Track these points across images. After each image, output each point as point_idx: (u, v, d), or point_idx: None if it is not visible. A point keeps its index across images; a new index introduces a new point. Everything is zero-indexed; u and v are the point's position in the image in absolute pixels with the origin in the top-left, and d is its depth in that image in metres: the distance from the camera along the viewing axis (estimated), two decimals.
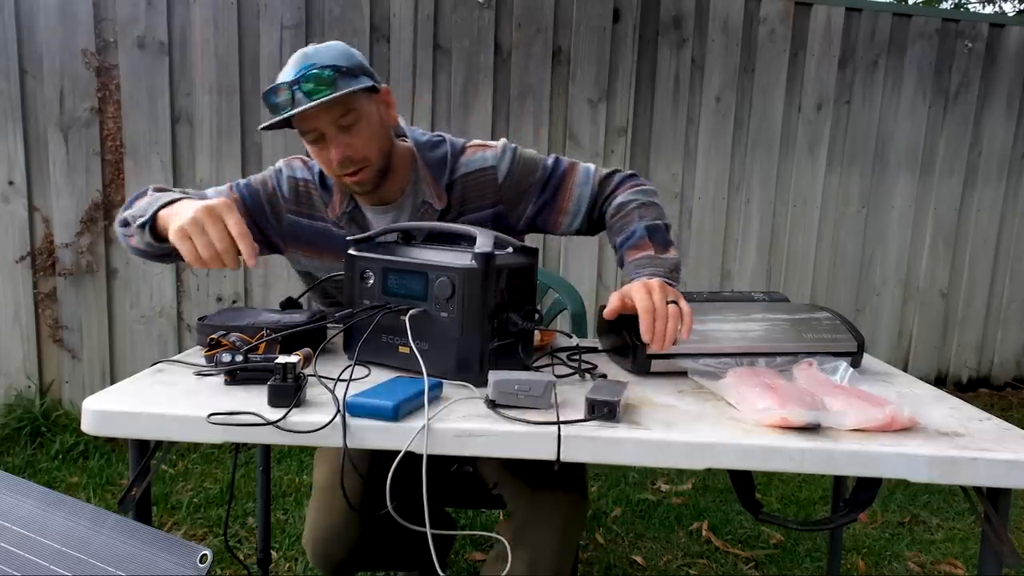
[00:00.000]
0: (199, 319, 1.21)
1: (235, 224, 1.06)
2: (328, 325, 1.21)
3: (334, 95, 1.20)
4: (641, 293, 1.12)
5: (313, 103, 1.19)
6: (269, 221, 1.40)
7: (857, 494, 0.97)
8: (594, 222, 1.44)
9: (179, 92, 3.03)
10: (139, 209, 1.21)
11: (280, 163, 1.43)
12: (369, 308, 1.11)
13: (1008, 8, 8.73)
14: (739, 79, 3.55)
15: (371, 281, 1.12)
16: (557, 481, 1.24)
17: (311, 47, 1.25)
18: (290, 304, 1.36)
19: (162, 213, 1.15)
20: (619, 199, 1.38)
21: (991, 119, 3.83)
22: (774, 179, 3.66)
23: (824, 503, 2.61)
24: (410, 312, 1.05)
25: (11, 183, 2.93)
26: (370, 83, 1.25)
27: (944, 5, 8.57)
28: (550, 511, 1.21)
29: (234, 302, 3.18)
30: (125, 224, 1.25)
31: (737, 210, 3.66)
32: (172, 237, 1.09)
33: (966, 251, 3.93)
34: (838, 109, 3.67)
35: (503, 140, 1.43)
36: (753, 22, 3.53)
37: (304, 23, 3.09)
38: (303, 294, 1.39)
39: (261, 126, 1.28)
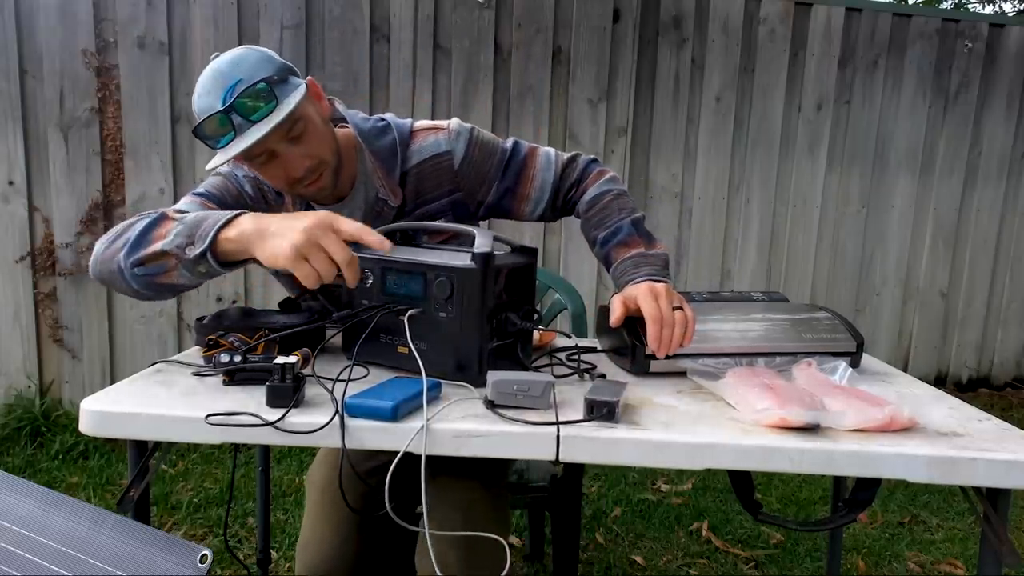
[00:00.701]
0: (198, 319, 1.21)
1: (356, 230, 0.98)
2: (327, 325, 1.20)
3: (285, 114, 1.10)
4: (648, 300, 1.11)
5: (268, 128, 1.09)
6: None
7: (857, 494, 0.96)
8: (557, 208, 1.40)
9: (179, 92, 3.03)
10: (178, 237, 1.03)
11: (227, 166, 1.31)
12: (368, 308, 1.11)
13: (1008, 8, 8.73)
14: (739, 79, 3.55)
15: (370, 281, 1.12)
16: (452, 469, 1.21)
17: (222, 62, 1.12)
18: (289, 304, 1.36)
19: (229, 235, 1.00)
20: (592, 191, 1.35)
21: (991, 119, 3.83)
22: (774, 179, 3.66)
23: (824, 503, 2.61)
24: (409, 312, 1.05)
25: (11, 183, 2.93)
26: (302, 83, 1.17)
27: (944, 5, 8.57)
28: (453, 497, 1.19)
29: (234, 302, 3.18)
30: (144, 262, 1.05)
31: (737, 210, 3.66)
32: (280, 262, 0.96)
33: (966, 251, 3.93)
34: (838, 109, 3.67)
35: (455, 120, 1.34)
36: (753, 22, 3.53)
37: (304, 23, 3.09)
38: (299, 296, 1.38)
39: (211, 166, 1.14)
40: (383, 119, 1.33)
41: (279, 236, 0.96)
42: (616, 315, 1.15)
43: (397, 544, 1.28)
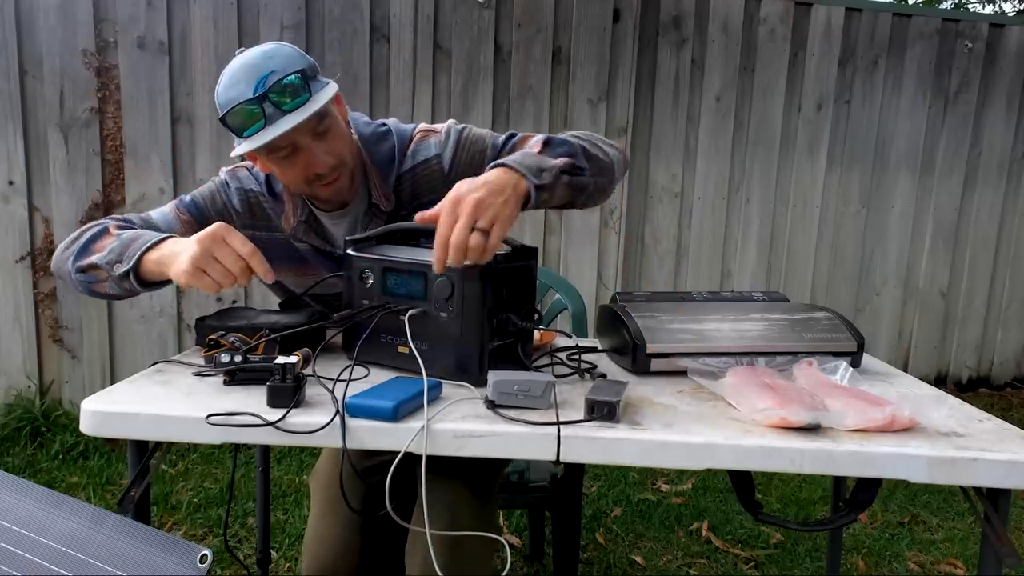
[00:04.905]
0: (198, 319, 1.21)
1: (242, 244, 1.04)
2: (327, 325, 1.20)
3: (320, 105, 1.12)
4: (447, 210, 0.95)
5: (303, 118, 1.10)
6: None
7: (857, 494, 0.96)
8: None
9: (179, 92, 3.03)
10: (111, 254, 1.11)
11: (223, 174, 1.32)
12: (368, 308, 1.11)
13: (1008, 8, 8.74)
14: (739, 79, 3.55)
15: (370, 281, 1.12)
16: (440, 469, 1.17)
17: (253, 55, 1.13)
18: (289, 304, 1.36)
19: (151, 257, 1.08)
20: (558, 137, 1.22)
21: (991, 119, 3.83)
22: (774, 179, 3.66)
23: (824, 503, 2.61)
24: (409, 312, 1.05)
25: (11, 183, 2.93)
26: (331, 81, 1.18)
27: (944, 5, 8.57)
28: (440, 498, 1.17)
29: (234, 302, 3.18)
30: (84, 271, 1.14)
31: (737, 210, 3.66)
32: (182, 279, 1.03)
33: (966, 251, 3.93)
34: (838, 109, 3.67)
35: (449, 122, 1.31)
36: (753, 22, 3.53)
37: (304, 23, 3.09)
38: (303, 294, 1.38)
39: (236, 153, 1.15)
40: (384, 124, 1.31)
41: (181, 254, 1.03)
42: (424, 215, 1.00)
43: (401, 542, 1.29)
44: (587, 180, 1.13)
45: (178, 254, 1.05)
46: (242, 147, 1.14)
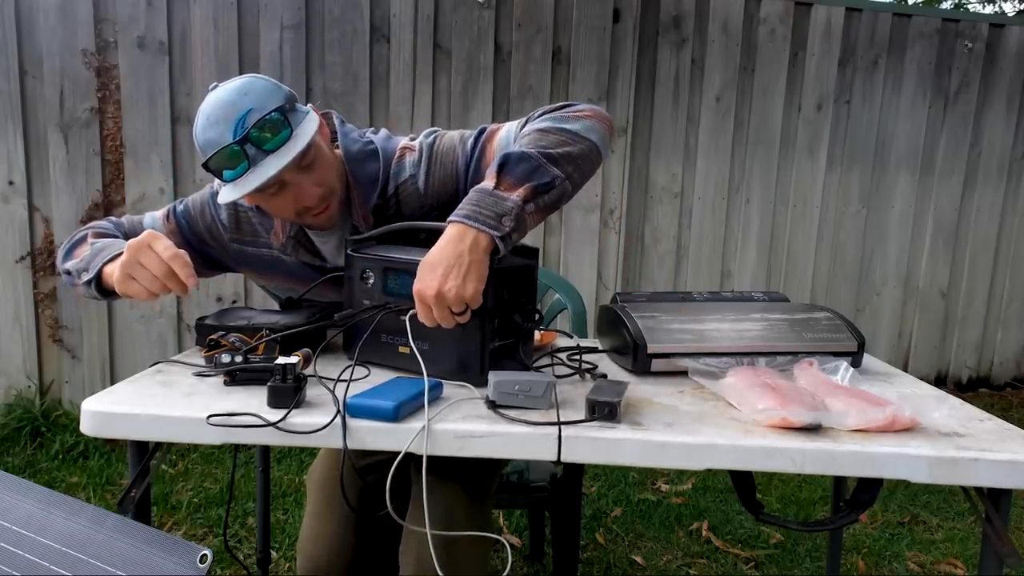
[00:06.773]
0: (198, 319, 1.21)
1: (164, 249, 1.03)
2: (328, 326, 1.20)
3: (305, 143, 1.09)
4: (424, 273, 0.98)
5: (289, 159, 1.08)
6: (212, 247, 1.33)
7: (858, 494, 0.96)
8: None
9: (179, 92, 3.03)
10: (82, 262, 1.16)
11: (216, 184, 1.28)
12: (369, 308, 1.11)
13: (1008, 8, 8.74)
14: (739, 79, 3.55)
15: (371, 281, 1.12)
16: (436, 470, 1.17)
17: (228, 92, 1.10)
18: (290, 304, 1.36)
19: (106, 269, 1.12)
20: (526, 127, 1.16)
21: (991, 119, 3.83)
22: (774, 179, 3.66)
23: (824, 503, 2.61)
24: (410, 312, 1.05)
25: (11, 183, 2.93)
26: (310, 110, 1.16)
27: (944, 5, 8.57)
28: (434, 498, 1.16)
29: (234, 302, 3.18)
30: (69, 273, 1.21)
31: (737, 210, 3.66)
32: (119, 290, 1.07)
33: (966, 251, 3.93)
34: (838, 109, 3.67)
35: (421, 135, 1.27)
36: (753, 22, 3.53)
37: (304, 23, 3.09)
38: (303, 294, 1.38)
39: (226, 199, 1.12)
40: (372, 143, 1.26)
41: (116, 267, 1.06)
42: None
43: (394, 542, 1.29)
44: (559, 189, 1.05)
45: (116, 266, 1.07)
46: (228, 194, 1.11)
